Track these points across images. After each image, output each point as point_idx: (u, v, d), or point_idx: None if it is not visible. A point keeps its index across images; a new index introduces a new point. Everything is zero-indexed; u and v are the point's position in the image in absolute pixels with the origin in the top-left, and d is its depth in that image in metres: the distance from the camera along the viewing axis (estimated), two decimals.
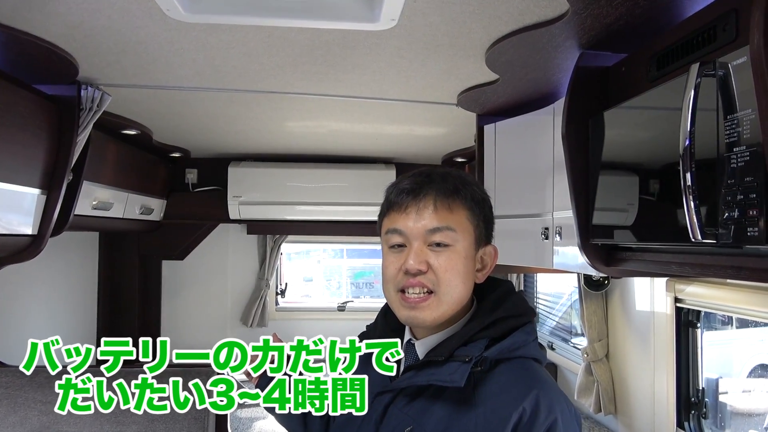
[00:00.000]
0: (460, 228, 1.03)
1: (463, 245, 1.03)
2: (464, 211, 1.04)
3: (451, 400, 0.98)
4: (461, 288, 1.03)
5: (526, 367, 1.00)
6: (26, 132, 1.79)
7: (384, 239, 1.07)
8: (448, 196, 1.03)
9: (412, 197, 1.03)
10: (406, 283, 1.01)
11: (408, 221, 1.02)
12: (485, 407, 0.95)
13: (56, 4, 1.34)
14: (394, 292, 1.04)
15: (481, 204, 1.07)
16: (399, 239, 1.03)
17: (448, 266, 1.01)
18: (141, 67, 1.81)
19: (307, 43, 1.59)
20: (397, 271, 1.03)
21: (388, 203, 1.07)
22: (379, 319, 1.19)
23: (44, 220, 1.94)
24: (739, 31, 1.02)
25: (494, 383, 0.97)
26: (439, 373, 0.99)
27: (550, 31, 1.42)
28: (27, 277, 2.85)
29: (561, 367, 3.22)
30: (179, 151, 3.39)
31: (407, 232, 1.02)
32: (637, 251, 1.42)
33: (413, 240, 1.02)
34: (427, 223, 1.01)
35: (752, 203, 0.94)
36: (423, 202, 1.02)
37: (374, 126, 2.69)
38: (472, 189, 1.06)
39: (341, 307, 4.12)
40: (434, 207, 1.02)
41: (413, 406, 1.02)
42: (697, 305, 2.04)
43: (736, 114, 0.99)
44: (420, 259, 1.00)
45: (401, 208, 1.03)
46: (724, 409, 2.12)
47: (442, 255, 1.01)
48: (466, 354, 0.98)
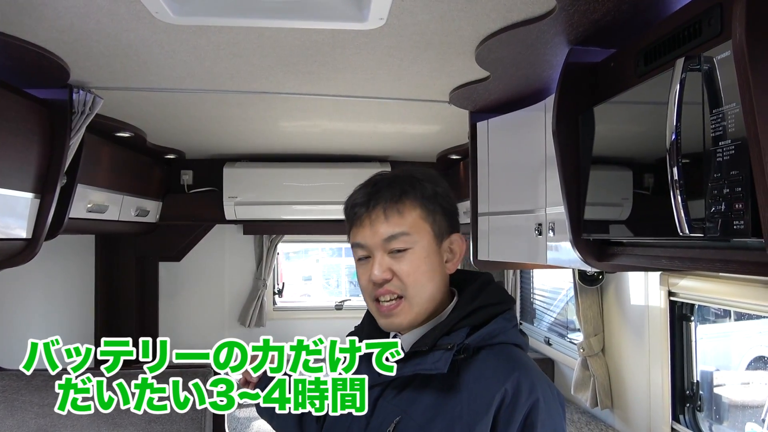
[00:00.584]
0: (415, 229, 1.06)
1: (422, 245, 1.06)
2: (416, 211, 1.07)
3: (437, 388, 1.01)
4: (430, 286, 1.06)
5: (507, 352, 1.04)
6: (18, 136, 1.79)
7: (353, 253, 1.11)
8: (396, 202, 1.06)
9: (364, 209, 1.07)
10: (377, 292, 1.06)
11: (365, 234, 1.06)
12: (469, 392, 0.98)
13: (45, 8, 1.34)
14: (371, 301, 1.09)
15: (434, 198, 1.09)
16: (362, 252, 1.08)
17: (411, 269, 1.04)
18: (132, 70, 1.82)
19: (297, 43, 1.59)
20: (368, 282, 1.07)
21: (347, 218, 1.12)
22: (366, 320, 1.22)
23: (38, 224, 1.94)
24: (724, 25, 1.03)
25: (477, 369, 1.01)
26: (423, 363, 1.02)
27: (538, 28, 1.43)
28: (24, 281, 2.85)
29: (558, 362, 3.24)
30: (174, 152, 3.39)
31: (367, 244, 1.06)
32: (628, 246, 1.42)
33: (374, 250, 1.06)
34: (382, 233, 1.05)
35: (738, 197, 0.94)
36: (374, 213, 1.06)
37: (368, 124, 2.70)
38: (422, 186, 1.08)
39: (339, 306, 4.12)
40: (384, 216, 1.05)
41: (401, 397, 1.05)
42: (690, 299, 2.05)
43: (721, 108, 0.99)
44: (383, 269, 1.04)
45: (358, 222, 1.07)
46: (720, 401, 2.13)
47: (404, 260, 1.05)
48: (449, 342, 1.01)
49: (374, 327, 1.17)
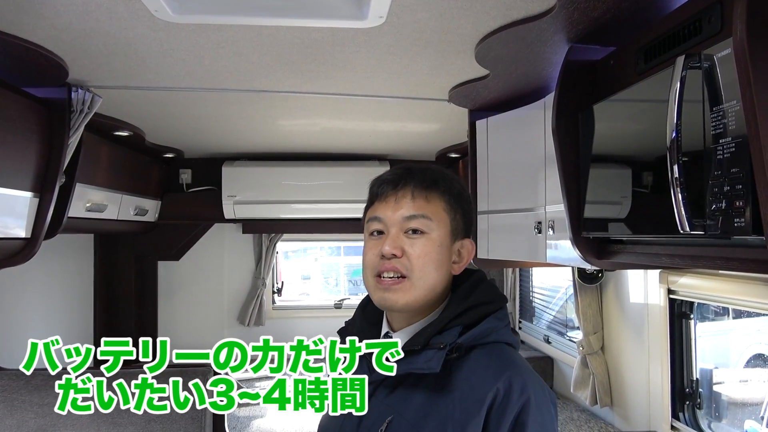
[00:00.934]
0: (436, 217, 1.07)
1: (438, 234, 1.07)
2: (441, 203, 1.09)
3: (429, 387, 1.01)
4: (434, 275, 1.07)
5: (499, 351, 1.03)
6: (17, 135, 1.79)
7: (366, 228, 1.12)
8: (426, 187, 1.08)
9: (392, 187, 1.08)
10: (381, 267, 1.06)
11: (387, 210, 1.08)
12: (461, 391, 0.98)
13: (43, 7, 1.33)
14: (372, 276, 1.08)
15: (459, 197, 1.12)
16: (378, 226, 1.08)
17: (422, 253, 1.05)
18: (131, 69, 1.81)
19: (296, 41, 1.59)
20: (375, 257, 1.07)
21: (371, 195, 1.13)
22: (357, 314, 1.22)
23: (37, 223, 1.94)
24: (724, 23, 1.03)
25: (469, 368, 1.01)
26: (416, 362, 1.02)
27: (538, 26, 1.42)
28: (23, 281, 2.85)
29: (557, 361, 3.24)
30: (173, 151, 3.38)
31: (386, 219, 1.07)
32: (628, 244, 1.42)
33: (391, 227, 1.07)
34: (404, 211, 1.06)
35: (738, 194, 0.94)
36: (402, 192, 1.08)
37: (367, 123, 2.69)
38: (451, 182, 1.11)
39: (338, 304, 4.12)
40: (412, 196, 1.07)
41: (393, 396, 1.05)
42: (690, 296, 2.05)
43: (722, 105, 0.99)
44: (395, 245, 1.05)
45: (382, 198, 1.09)
46: (720, 399, 2.13)
47: (418, 242, 1.06)
48: (441, 341, 1.01)
49: (367, 322, 1.17)
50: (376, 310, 1.17)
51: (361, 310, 1.22)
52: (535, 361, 3.28)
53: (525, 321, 3.79)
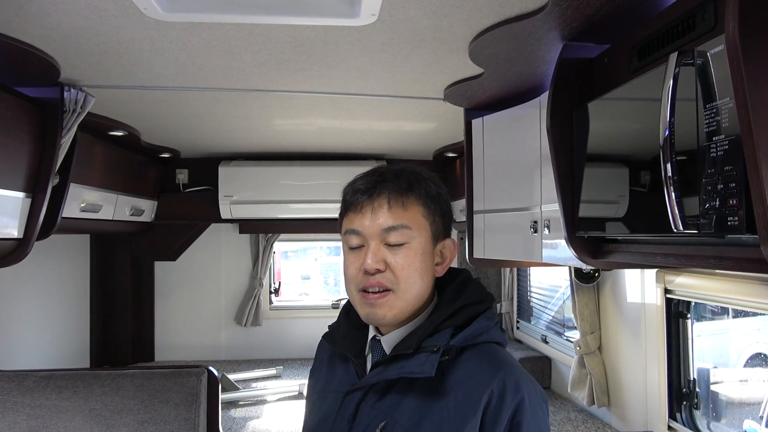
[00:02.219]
0: (416, 225, 1.04)
1: (419, 242, 1.05)
2: (419, 208, 1.06)
3: (422, 390, 1.00)
4: (420, 284, 1.05)
5: (490, 352, 1.03)
6: (8, 135, 1.77)
7: (343, 240, 1.08)
8: (401, 194, 1.04)
9: (366, 197, 1.04)
10: (366, 282, 1.03)
11: (364, 221, 1.04)
12: (455, 394, 0.97)
13: (31, 5, 1.32)
14: (356, 291, 1.05)
15: (437, 199, 1.09)
16: (357, 240, 1.05)
17: (405, 264, 1.03)
18: (123, 68, 1.80)
19: (288, 40, 1.58)
20: (357, 271, 1.04)
21: (344, 203, 1.09)
22: (342, 318, 1.20)
23: (30, 224, 1.93)
24: (717, 20, 1.02)
25: (461, 370, 1.00)
26: (408, 366, 1.00)
27: (531, 24, 1.41)
28: (18, 282, 2.84)
29: (554, 360, 3.23)
30: (169, 151, 3.37)
31: (364, 231, 1.04)
32: (622, 243, 1.41)
33: (370, 239, 1.04)
34: (382, 222, 1.03)
35: (732, 192, 0.93)
36: (377, 201, 1.04)
37: (363, 122, 2.68)
38: (427, 185, 1.08)
39: (335, 304, 4.10)
40: (388, 205, 1.03)
41: (384, 401, 1.03)
42: (686, 296, 2.04)
43: (715, 103, 0.98)
44: (377, 259, 1.02)
45: (357, 208, 1.05)
46: (718, 398, 2.12)
47: (399, 253, 1.03)
48: (434, 344, 1.00)
49: (352, 326, 1.15)
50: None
51: (345, 314, 1.19)
52: (533, 361, 3.27)
53: (523, 321, 3.78)
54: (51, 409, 1.80)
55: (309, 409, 1.17)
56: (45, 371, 1.91)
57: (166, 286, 4.03)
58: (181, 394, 1.86)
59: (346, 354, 1.12)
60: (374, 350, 1.11)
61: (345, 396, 1.07)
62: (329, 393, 1.12)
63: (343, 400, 1.07)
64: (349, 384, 1.08)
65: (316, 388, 1.18)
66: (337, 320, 1.21)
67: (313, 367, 1.26)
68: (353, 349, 1.12)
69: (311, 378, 1.25)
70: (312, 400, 1.17)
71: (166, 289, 4.03)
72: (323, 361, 1.21)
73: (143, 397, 1.85)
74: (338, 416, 1.06)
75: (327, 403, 1.10)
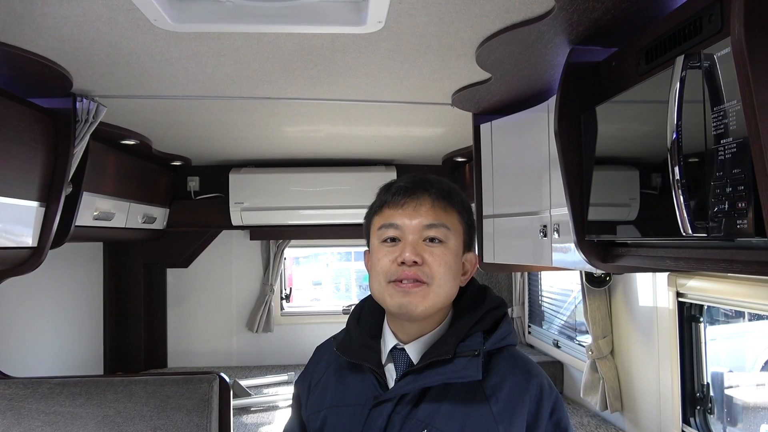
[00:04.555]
0: (453, 227, 1.07)
1: (455, 243, 1.07)
2: (456, 214, 1.09)
3: (459, 397, 1.01)
4: (451, 284, 1.06)
5: (516, 355, 1.07)
6: (23, 146, 1.80)
7: (376, 234, 1.08)
8: (444, 197, 1.08)
9: (409, 194, 1.07)
10: (402, 274, 1.03)
11: (404, 217, 1.05)
12: (497, 398, 1.00)
13: (44, 18, 1.35)
14: (386, 283, 1.04)
15: (469, 212, 1.13)
16: (394, 233, 1.06)
17: (442, 261, 1.04)
18: (134, 78, 1.82)
19: (296, 48, 1.59)
20: (391, 263, 1.04)
21: (381, 201, 1.10)
22: (352, 327, 1.15)
23: (44, 233, 1.95)
24: (724, 22, 1.01)
25: (497, 374, 1.03)
26: (449, 371, 1.01)
27: (538, 28, 1.42)
28: (33, 289, 2.87)
29: (566, 365, 3.21)
30: (180, 159, 3.40)
31: (403, 226, 1.05)
32: (632, 247, 1.41)
33: (409, 234, 1.05)
34: (423, 219, 1.05)
35: (741, 195, 0.93)
36: (420, 200, 1.06)
37: (372, 128, 2.69)
38: (462, 197, 1.12)
39: (346, 310, 4.11)
40: (431, 204, 1.06)
41: (420, 410, 1.01)
42: (699, 299, 2.02)
43: (722, 105, 0.98)
44: (416, 252, 1.03)
45: (397, 205, 1.07)
46: (733, 403, 2.09)
47: (437, 249, 1.05)
48: (471, 348, 1.02)
49: (367, 334, 1.12)
50: (374, 322, 1.14)
51: (356, 323, 1.16)
52: (545, 365, 3.25)
53: (534, 325, 3.76)
54: (65, 416, 1.81)
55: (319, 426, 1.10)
56: (59, 378, 1.93)
57: (178, 292, 4.06)
58: (193, 401, 1.87)
59: (366, 365, 1.08)
60: (397, 359, 1.08)
61: (372, 408, 1.03)
62: (346, 408, 1.07)
63: (369, 414, 1.03)
64: (370, 396, 1.05)
65: (324, 404, 1.11)
66: (347, 330, 1.17)
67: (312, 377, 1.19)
68: (372, 359, 1.08)
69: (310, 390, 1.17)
70: (320, 416, 1.10)
71: (178, 296, 4.06)
72: (327, 373, 1.15)
73: (156, 404, 1.86)
74: (365, 430, 1.02)
75: (346, 418, 1.06)
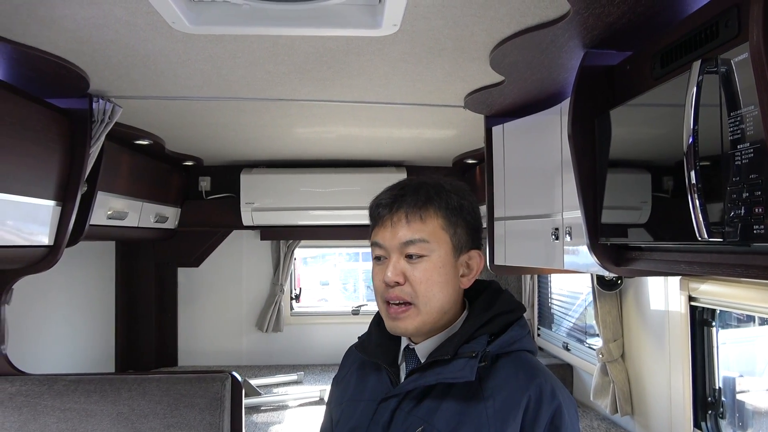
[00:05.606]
0: (434, 238, 1.06)
1: (438, 255, 1.06)
2: (438, 220, 1.07)
3: (459, 396, 1.01)
4: (440, 296, 1.06)
5: (525, 359, 1.05)
6: (40, 145, 1.83)
7: (371, 251, 1.12)
8: (419, 208, 1.07)
9: (387, 211, 1.08)
10: (387, 294, 1.06)
11: (385, 234, 1.07)
12: (494, 399, 1.00)
13: (64, 20, 1.37)
14: (382, 303, 1.09)
15: (458, 210, 1.09)
16: (380, 251, 1.09)
17: (424, 277, 1.05)
18: (150, 79, 1.84)
19: (311, 50, 1.60)
20: (380, 283, 1.07)
21: (371, 217, 1.14)
22: (373, 328, 1.21)
23: (60, 231, 1.98)
24: (741, 27, 1.01)
25: (498, 377, 1.02)
26: (446, 371, 1.02)
27: (552, 32, 1.42)
28: (46, 287, 2.91)
29: (576, 368, 3.20)
30: (192, 159, 3.43)
31: (385, 245, 1.07)
32: (646, 250, 1.40)
33: (391, 252, 1.07)
34: (401, 236, 1.06)
35: (758, 201, 0.93)
36: (396, 216, 1.07)
37: (383, 130, 2.70)
38: (448, 197, 1.09)
39: (355, 311, 4.12)
40: (406, 219, 1.06)
41: (421, 407, 1.04)
42: (711, 303, 2.01)
43: (739, 111, 0.98)
44: (396, 272, 1.05)
45: (380, 222, 1.09)
46: (744, 408, 2.08)
47: (418, 266, 1.05)
48: (472, 350, 1.02)
49: (384, 335, 1.16)
50: None
51: (377, 324, 1.21)
52: (555, 368, 3.25)
53: (544, 328, 3.75)
54: (80, 413, 1.84)
55: (338, 418, 1.17)
56: (74, 375, 1.96)
57: (189, 292, 4.09)
58: (206, 399, 1.89)
59: (380, 363, 1.13)
60: (408, 359, 1.13)
61: (379, 403, 1.08)
62: (361, 402, 1.13)
63: (377, 408, 1.08)
64: (383, 392, 1.10)
65: (345, 397, 1.18)
66: (368, 330, 1.23)
67: (339, 375, 1.27)
68: (386, 358, 1.13)
69: (337, 386, 1.26)
70: (341, 408, 1.18)
71: (188, 295, 4.08)
72: (352, 370, 1.22)
73: (169, 402, 1.88)
74: (372, 424, 1.07)
75: (359, 412, 1.11)
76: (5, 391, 1.88)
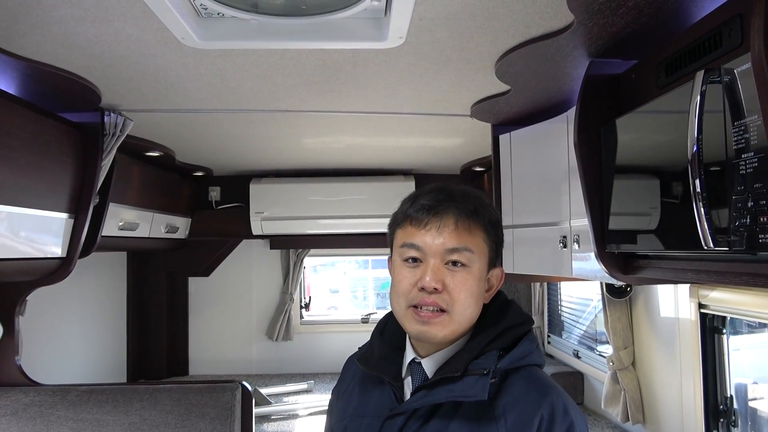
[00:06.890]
0: (477, 249, 1.02)
1: (478, 266, 1.03)
2: (481, 233, 1.04)
3: (469, 415, 0.97)
4: (473, 308, 1.03)
5: (536, 375, 1.01)
6: (53, 159, 1.86)
7: (398, 252, 1.06)
8: (468, 217, 1.02)
9: (432, 214, 1.02)
10: (421, 300, 1.00)
11: (427, 237, 1.01)
12: (506, 418, 0.96)
13: (77, 38, 1.40)
14: (406, 306, 1.03)
15: (496, 226, 1.07)
16: (415, 254, 1.02)
17: (463, 287, 1.00)
18: (160, 93, 1.87)
19: (318, 63, 1.62)
20: (411, 287, 1.02)
21: (405, 216, 1.06)
22: (375, 339, 1.16)
23: (72, 243, 2.01)
24: (744, 37, 1.02)
25: (509, 394, 0.98)
26: (457, 389, 0.98)
27: (557, 42, 1.43)
28: (59, 297, 2.94)
29: (587, 376, 3.18)
30: (202, 170, 3.46)
31: (425, 248, 1.01)
32: (653, 259, 1.41)
33: (430, 257, 1.01)
34: (446, 242, 1.00)
35: (762, 210, 0.93)
36: (444, 221, 1.01)
37: (390, 139, 2.72)
38: (490, 211, 1.06)
39: (365, 319, 4.13)
40: (455, 226, 1.01)
41: (430, 426, 1.00)
42: (721, 311, 2.00)
43: (743, 120, 0.98)
44: (437, 278, 0.99)
45: (420, 224, 1.02)
46: (757, 415, 2.06)
47: (458, 275, 1.01)
48: (482, 367, 0.98)
49: (387, 346, 1.12)
50: (396, 334, 1.13)
51: (379, 335, 1.16)
52: (565, 376, 3.23)
53: (554, 335, 3.74)
54: (93, 423, 1.86)
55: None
56: (86, 386, 1.98)
57: (200, 301, 4.12)
58: (217, 409, 1.90)
59: (383, 377, 1.08)
60: (414, 373, 1.08)
61: (385, 421, 1.04)
62: (364, 418, 1.08)
63: (381, 426, 1.04)
64: (387, 408, 1.05)
65: (348, 412, 1.13)
66: (370, 341, 1.17)
67: (341, 386, 1.21)
68: (390, 371, 1.08)
69: (338, 398, 1.20)
70: (343, 424, 1.13)
71: (199, 305, 4.11)
72: (353, 382, 1.17)
73: (180, 411, 1.89)
74: None
75: (363, 429, 1.07)
76: (19, 402, 1.91)
